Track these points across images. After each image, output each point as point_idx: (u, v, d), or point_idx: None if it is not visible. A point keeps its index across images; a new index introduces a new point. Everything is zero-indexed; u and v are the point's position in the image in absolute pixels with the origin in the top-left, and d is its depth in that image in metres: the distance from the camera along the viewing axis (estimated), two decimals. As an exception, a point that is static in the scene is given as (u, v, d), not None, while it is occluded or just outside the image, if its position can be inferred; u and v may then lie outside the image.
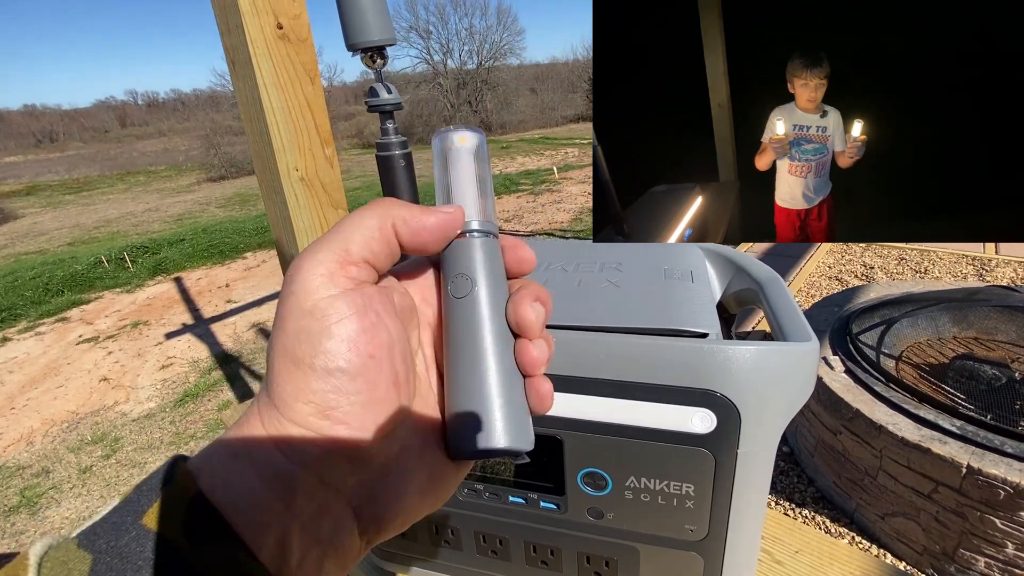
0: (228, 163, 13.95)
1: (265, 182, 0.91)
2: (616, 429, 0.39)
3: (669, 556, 0.43)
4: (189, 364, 3.72)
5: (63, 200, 13.10)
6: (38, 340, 4.46)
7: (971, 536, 1.37)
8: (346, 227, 0.22)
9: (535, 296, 0.24)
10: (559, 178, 8.78)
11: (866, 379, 1.66)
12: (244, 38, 0.78)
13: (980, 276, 3.14)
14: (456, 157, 0.26)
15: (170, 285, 5.49)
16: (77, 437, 3.03)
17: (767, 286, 0.48)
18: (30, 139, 32.53)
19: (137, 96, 49.03)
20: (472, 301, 0.24)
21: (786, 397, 0.37)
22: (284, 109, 0.85)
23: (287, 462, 0.19)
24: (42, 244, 8.40)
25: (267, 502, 0.19)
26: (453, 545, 0.51)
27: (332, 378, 0.20)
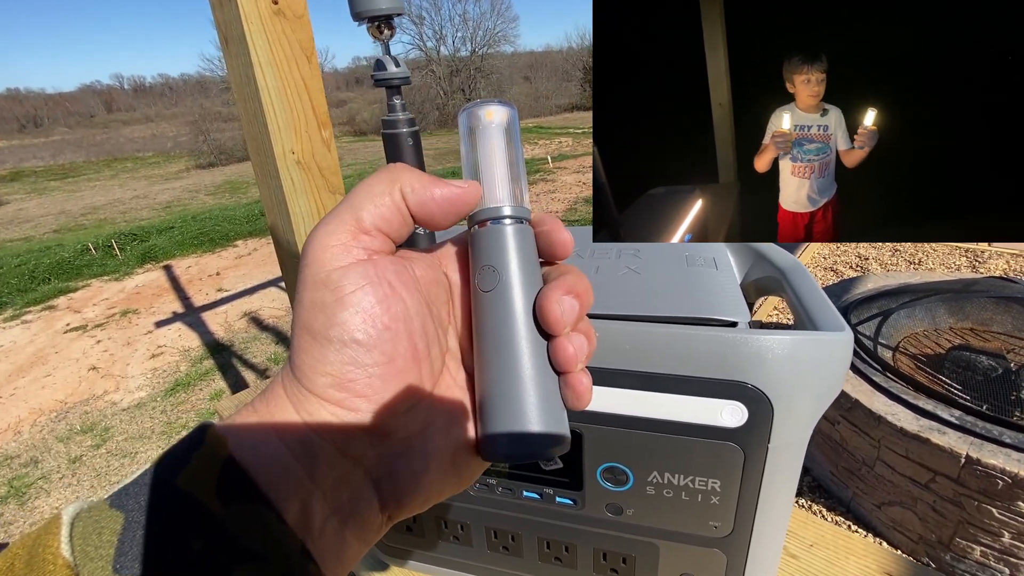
0: (217, 150, 13.71)
1: (260, 165, 0.88)
2: (639, 423, 0.38)
3: (690, 553, 0.42)
4: (180, 353, 3.67)
5: (48, 186, 12.84)
6: (24, 328, 4.38)
7: (968, 525, 1.38)
8: (357, 196, 0.21)
9: (567, 288, 0.22)
10: (553, 167, 8.73)
11: (864, 369, 1.66)
12: (237, 12, 0.75)
13: (973, 267, 3.16)
14: (484, 135, 0.23)
15: (159, 273, 5.40)
16: (66, 427, 2.98)
17: (790, 273, 0.46)
18: (13, 124, 31.82)
19: (123, 80, 48.06)
20: (499, 296, 0.22)
21: (820, 389, 0.36)
22: (280, 89, 0.81)
23: (309, 431, 0.20)
24: (27, 231, 8.24)
25: (291, 468, 0.19)
26: (463, 541, 0.49)
27: (348, 349, 0.20)
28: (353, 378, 0.20)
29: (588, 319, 0.23)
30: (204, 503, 0.17)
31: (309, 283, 0.20)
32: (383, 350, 0.20)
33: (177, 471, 0.18)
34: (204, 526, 0.17)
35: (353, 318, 0.20)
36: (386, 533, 0.55)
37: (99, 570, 0.16)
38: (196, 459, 0.18)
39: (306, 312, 0.20)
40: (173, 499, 0.17)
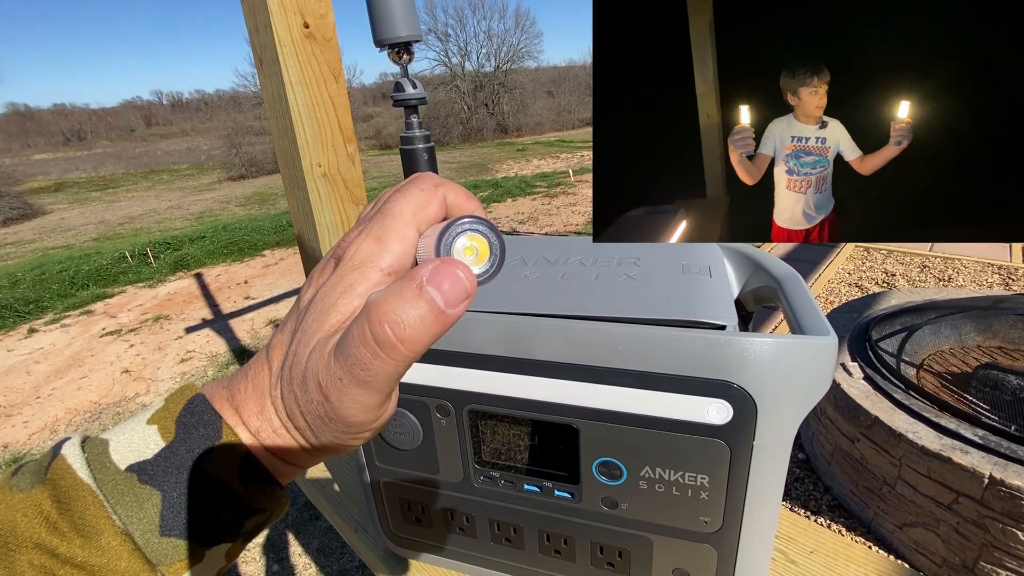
0: (249, 162, 14.16)
1: (288, 178, 0.93)
2: (632, 419, 0.40)
3: (683, 548, 0.44)
4: (207, 358, 3.79)
5: (89, 197, 13.43)
6: (63, 332, 4.58)
7: (992, 548, 1.34)
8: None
9: None
10: (574, 181, 8.77)
11: (885, 386, 1.63)
12: (272, 37, 0.80)
13: (1006, 285, 3.06)
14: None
15: (190, 281, 5.59)
16: (99, 426, 3.10)
17: (785, 283, 0.48)
18: (59, 137, 33.41)
19: (162, 96, 50.07)
20: None
21: (803, 391, 0.38)
22: (309, 106, 0.87)
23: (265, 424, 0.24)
24: (69, 239, 8.63)
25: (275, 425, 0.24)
26: (468, 532, 0.51)
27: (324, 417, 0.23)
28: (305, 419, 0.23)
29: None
30: (231, 487, 0.23)
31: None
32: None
33: (205, 458, 0.22)
34: (232, 503, 0.23)
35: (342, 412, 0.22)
36: (395, 524, 0.57)
37: (148, 532, 0.21)
38: (218, 452, 0.22)
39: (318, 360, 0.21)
40: (207, 485, 0.22)
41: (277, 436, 0.23)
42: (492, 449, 0.47)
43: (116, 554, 0.20)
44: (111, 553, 0.20)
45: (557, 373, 0.41)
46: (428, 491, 0.51)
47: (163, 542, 0.21)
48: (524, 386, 0.43)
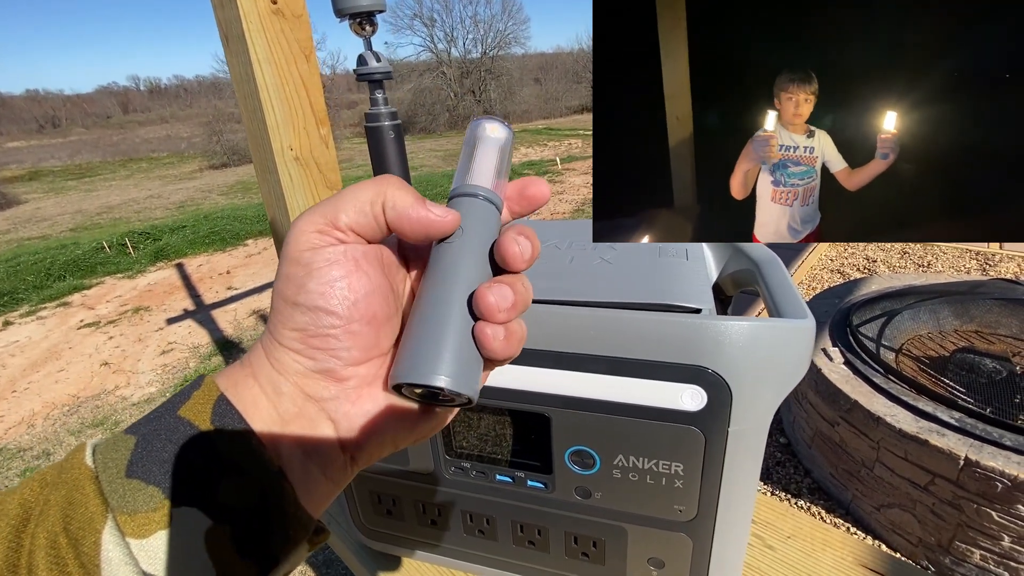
0: (230, 150, 13.87)
1: (259, 161, 0.90)
2: (605, 406, 0.39)
3: (657, 537, 0.43)
4: (189, 349, 3.73)
5: (65, 186, 13.08)
6: (40, 324, 4.47)
7: (967, 528, 1.37)
8: (343, 198, 0.24)
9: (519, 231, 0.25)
10: (562, 169, 8.73)
11: (865, 371, 1.65)
12: (237, 12, 0.77)
13: (983, 271, 3.12)
14: (483, 142, 0.27)
15: (171, 271, 5.49)
16: (78, 420, 3.04)
17: (764, 266, 0.47)
18: (32, 124, 32.42)
19: (139, 82, 48.77)
20: (453, 246, 0.25)
21: (779, 375, 0.37)
22: (278, 86, 0.84)
23: (275, 372, 0.24)
24: (44, 229, 8.40)
25: (260, 402, 0.23)
26: (440, 525, 0.50)
27: (311, 312, 0.24)
28: (313, 334, 0.24)
29: (525, 286, 0.25)
30: (198, 427, 0.22)
31: (285, 260, 0.24)
32: (340, 315, 0.24)
33: (179, 404, 0.23)
34: (199, 445, 0.21)
35: (316, 288, 0.23)
36: (367, 517, 0.56)
37: (115, 475, 0.21)
38: (195, 396, 0.23)
39: (280, 282, 0.24)
40: (174, 425, 0.22)
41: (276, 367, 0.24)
42: (462, 439, 0.45)
43: (83, 493, 0.20)
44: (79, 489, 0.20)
45: (528, 360, 0.39)
46: (399, 483, 0.49)
47: (128, 484, 0.20)
48: (494, 373, 0.41)
